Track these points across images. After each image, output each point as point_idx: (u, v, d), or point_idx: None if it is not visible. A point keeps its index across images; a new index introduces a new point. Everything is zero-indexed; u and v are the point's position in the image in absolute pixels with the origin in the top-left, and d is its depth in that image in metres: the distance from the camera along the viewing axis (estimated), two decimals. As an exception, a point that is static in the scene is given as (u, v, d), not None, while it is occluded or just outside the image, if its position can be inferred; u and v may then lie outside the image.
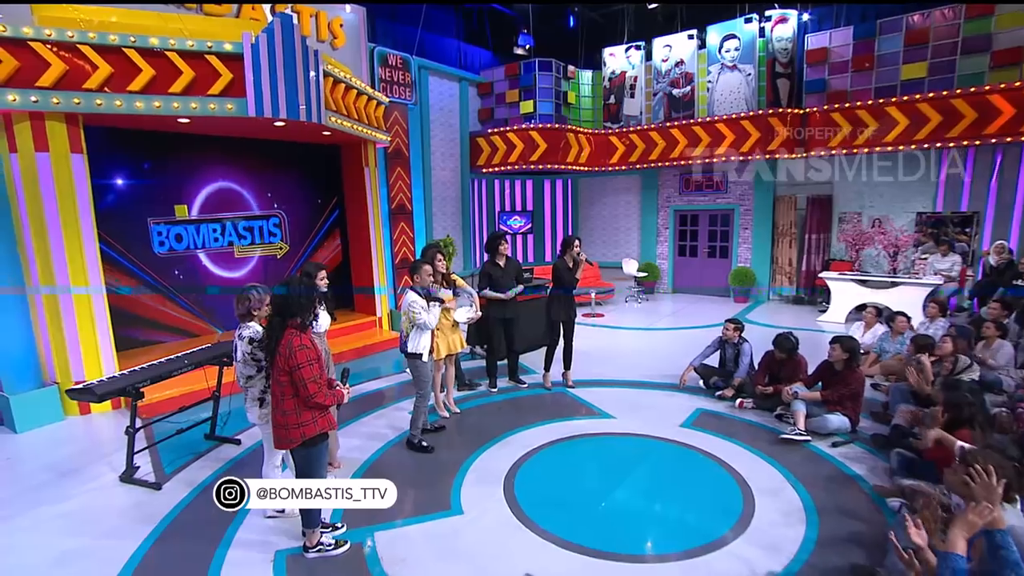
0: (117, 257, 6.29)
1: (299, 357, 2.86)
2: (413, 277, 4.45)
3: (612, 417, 5.30)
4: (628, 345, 8.04)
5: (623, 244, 12.75)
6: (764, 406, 5.37)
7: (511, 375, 6.30)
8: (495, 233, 5.96)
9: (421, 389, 4.52)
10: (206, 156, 7.11)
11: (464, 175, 11.35)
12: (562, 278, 5.81)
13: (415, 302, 4.34)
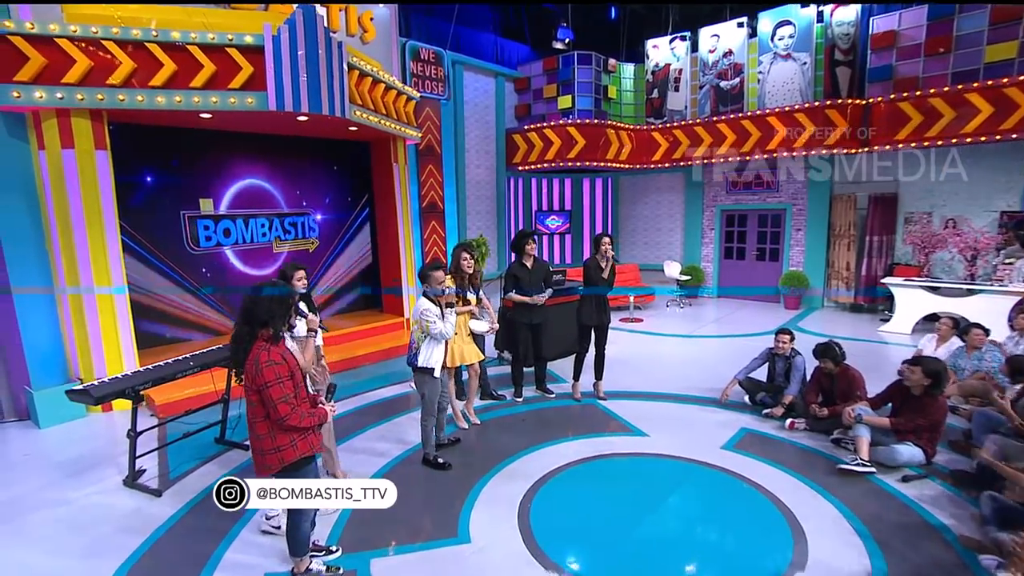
0: (144, 254, 6.25)
1: (267, 375, 2.53)
2: (424, 284, 4.09)
3: (645, 435, 4.81)
4: (667, 353, 7.49)
5: (665, 246, 12.12)
6: (818, 428, 4.75)
7: (538, 384, 5.93)
8: (522, 231, 5.58)
9: (428, 407, 4.16)
10: (235, 153, 7.04)
11: (500, 173, 11.03)
12: (592, 279, 5.36)
13: (428, 309, 3.99)
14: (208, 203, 6.82)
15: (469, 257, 4.75)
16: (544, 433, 4.85)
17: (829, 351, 4.69)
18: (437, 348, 4.05)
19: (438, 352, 4.07)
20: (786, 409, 5.04)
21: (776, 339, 5.25)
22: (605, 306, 5.51)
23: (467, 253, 4.72)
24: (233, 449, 4.62)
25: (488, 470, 4.20)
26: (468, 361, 4.83)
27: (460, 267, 4.68)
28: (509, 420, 5.21)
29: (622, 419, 5.15)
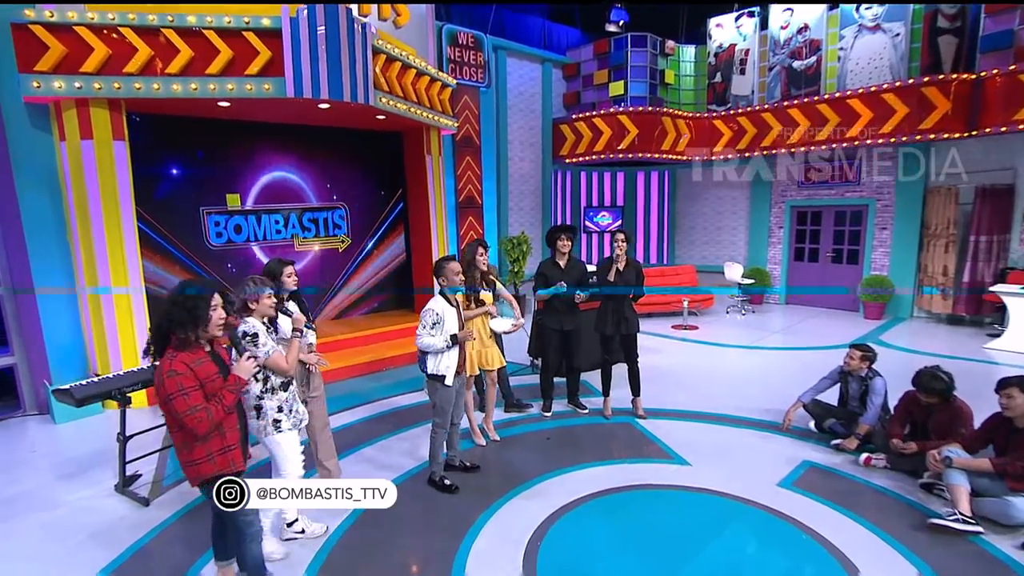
0: (168, 247, 6.28)
1: (168, 386, 2.28)
2: (438, 279, 3.73)
3: (686, 463, 4.26)
4: (723, 367, 6.82)
5: (727, 245, 11.30)
6: (903, 468, 4.01)
7: (570, 398, 5.48)
8: (556, 226, 5.15)
9: (439, 418, 3.84)
10: (261, 145, 7.00)
11: (545, 166, 10.65)
12: (601, 282, 4.92)
13: (430, 310, 3.64)
14: (235, 198, 6.80)
15: (486, 252, 4.37)
16: (570, 455, 4.42)
17: (935, 383, 3.86)
18: (448, 353, 3.71)
19: (449, 357, 3.73)
20: (861, 441, 4.31)
21: (847, 356, 4.52)
22: (624, 313, 4.98)
23: (483, 248, 4.36)
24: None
25: (500, 496, 3.81)
26: (489, 367, 4.49)
27: (475, 262, 4.29)
28: (532, 437, 4.81)
29: (661, 443, 4.62)
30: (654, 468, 4.17)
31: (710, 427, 4.93)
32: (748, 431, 4.83)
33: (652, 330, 8.57)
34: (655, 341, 7.97)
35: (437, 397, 3.79)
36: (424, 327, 3.63)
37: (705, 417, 5.14)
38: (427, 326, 3.62)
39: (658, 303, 9.29)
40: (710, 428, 4.91)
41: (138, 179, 5.83)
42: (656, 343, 7.87)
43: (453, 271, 3.72)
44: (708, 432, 4.82)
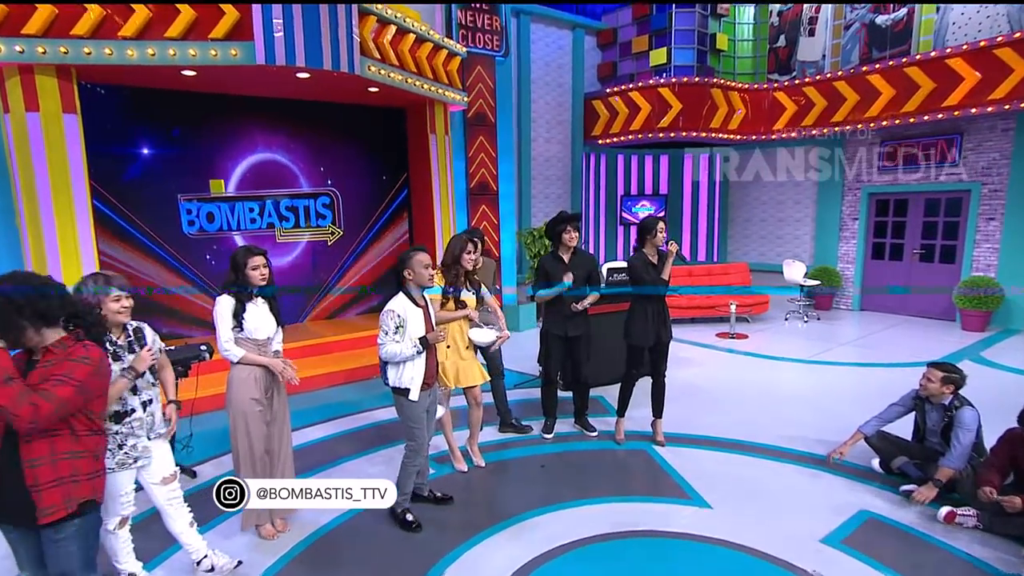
0: (137, 235, 6.18)
1: None
2: (403, 273, 3.36)
3: (707, 505, 3.74)
4: (771, 385, 6.19)
5: (789, 241, 10.59)
6: (1003, 530, 3.34)
7: (577, 417, 5.05)
8: (559, 215, 4.73)
9: (412, 440, 3.50)
10: (246, 122, 6.83)
11: (575, 148, 10.25)
12: (641, 279, 4.42)
13: (390, 311, 3.29)
14: (219, 184, 6.69)
15: (475, 249, 4.00)
16: (565, 487, 4.02)
17: None
18: (413, 364, 3.37)
19: (414, 366, 3.37)
20: (943, 489, 3.62)
21: (924, 377, 3.85)
22: (664, 318, 4.54)
23: (472, 244, 4.00)
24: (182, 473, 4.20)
25: (472, 535, 3.43)
26: (465, 384, 4.11)
27: (459, 259, 3.92)
28: (524, 464, 4.41)
29: (679, 477, 4.11)
30: (665, 509, 3.69)
31: (744, 459, 4.38)
32: (792, 467, 4.25)
33: (691, 338, 8.03)
34: (693, 351, 7.43)
35: (404, 413, 3.46)
36: (386, 332, 3.28)
37: (740, 447, 4.59)
38: (389, 331, 3.28)
39: (701, 307, 8.72)
40: (744, 461, 4.36)
41: (102, 159, 5.81)
42: (694, 353, 7.32)
43: (422, 264, 3.33)
44: (740, 465, 4.28)
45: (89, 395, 2.12)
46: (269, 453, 3.37)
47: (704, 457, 4.41)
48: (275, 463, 3.41)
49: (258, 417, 3.25)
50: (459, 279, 3.98)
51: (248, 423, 3.22)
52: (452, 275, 3.95)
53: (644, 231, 4.50)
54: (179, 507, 2.97)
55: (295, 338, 6.72)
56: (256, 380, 3.24)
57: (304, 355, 6.47)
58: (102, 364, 2.19)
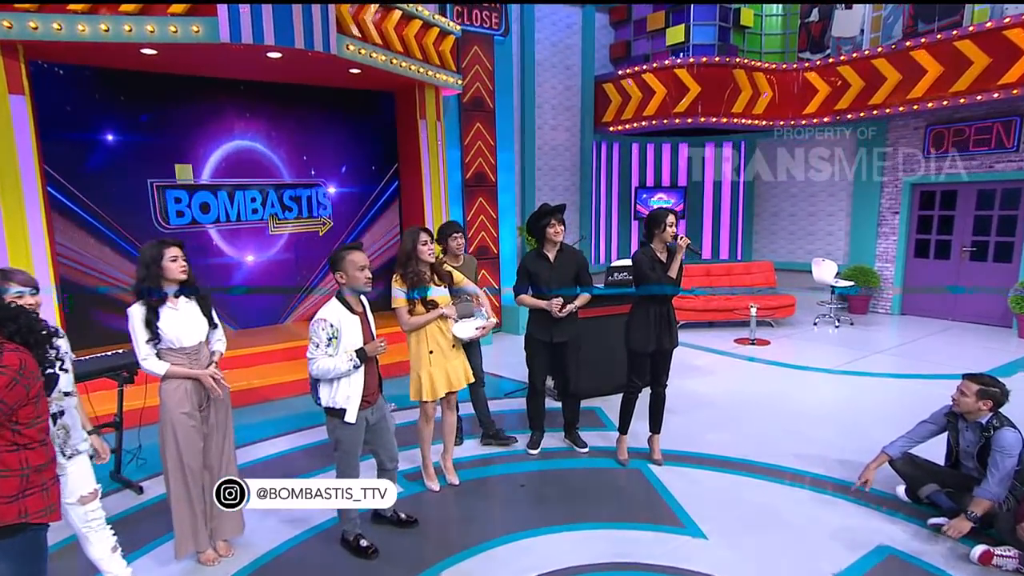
0: (102, 228, 6.12)
1: None
2: (336, 275, 3.16)
3: (702, 535, 3.49)
4: (792, 397, 5.89)
5: (821, 237, 10.24)
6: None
7: (567, 431, 4.85)
8: (541, 208, 4.50)
9: (342, 465, 3.27)
10: (222, 106, 6.76)
11: (585, 136, 10.03)
12: (645, 277, 4.16)
13: (320, 320, 3.08)
14: (186, 169, 6.58)
15: (430, 239, 3.82)
16: (544, 510, 3.84)
17: None
18: (349, 381, 3.15)
19: (350, 383, 3.14)
20: (977, 524, 3.30)
21: (958, 391, 3.53)
22: (669, 322, 4.31)
23: (427, 235, 3.81)
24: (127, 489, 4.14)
25: (431, 564, 3.25)
26: (459, 387, 3.99)
27: (416, 253, 3.72)
28: (503, 483, 4.23)
29: (674, 502, 3.87)
30: (653, 538, 3.46)
31: (751, 482, 4.12)
32: (806, 492, 3.98)
33: (705, 343, 7.77)
34: (706, 358, 7.18)
35: (336, 436, 3.21)
36: (316, 345, 3.05)
37: (748, 468, 4.33)
38: (321, 343, 3.05)
39: (719, 309, 8.44)
40: (751, 484, 4.10)
41: (61, 145, 5.76)
42: (707, 361, 7.07)
43: (355, 265, 3.09)
44: (746, 489, 4.02)
45: (8, 407, 2.01)
46: (209, 469, 3.22)
47: (706, 479, 4.17)
48: (216, 480, 3.24)
49: (192, 432, 3.08)
50: (422, 277, 3.75)
51: (179, 437, 3.06)
52: (412, 274, 3.72)
53: (652, 224, 4.23)
54: (100, 530, 2.82)
55: (274, 340, 6.62)
56: (187, 392, 3.07)
57: (281, 359, 6.37)
58: (23, 371, 2.05)
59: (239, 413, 5.81)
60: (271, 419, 5.47)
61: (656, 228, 4.18)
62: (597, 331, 5.37)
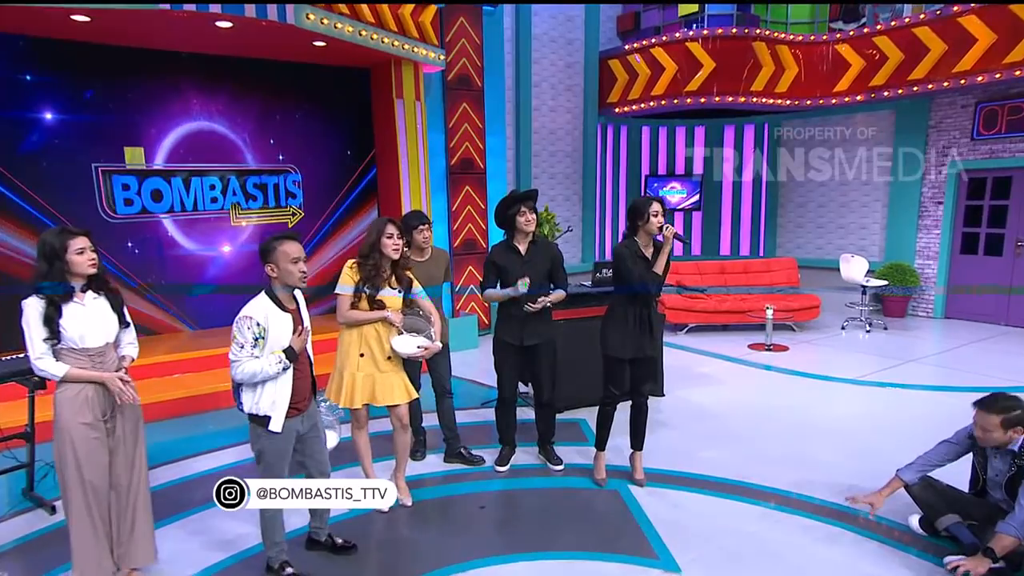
0: (42, 217, 6.06)
1: None
2: (266, 267, 3.01)
3: (675, 568, 3.28)
4: (807, 411, 5.66)
5: (853, 231, 10.04)
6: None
7: (540, 446, 4.71)
8: (511, 194, 4.37)
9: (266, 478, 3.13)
10: (179, 83, 6.67)
11: (589, 118, 9.96)
12: (628, 274, 4.01)
13: (246, 318, 2.95)
14: (137, 152, 6.52)
15: (398, 232, 3.68)
16: (503, 536, 3.72)
17: None
18: (276, 386, 3.02)
19: (276, 387, 3.01)
20: (1002, 568, 3.04)
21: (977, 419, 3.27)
22: (651, 325, 4.14)
23: (395, 228, 3.68)
24: (40, 508, 3.99)
25: None
26: (383, 402, 3.79)
27: (381, 249, 3.62)
28: (462, 504, 4.09)
29: (651, 529, 3.67)
30: (619, 571, 3.27)
31: (744, 508, 3.90)
32: (805, 521, 3.74)
33: (715, 348, 7.68)
34: (714, 365, 7.05)
35: (259, 446, 3.08)
36: (241, 346, 2.92)
37: (743, 491, 4.11)
38: (246, 344, 2.91)
39: (732, 311, 8.28)
40: (743, 510, 3.88)
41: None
42: (715, 368, 6.92)
43: (288, 256, 2.95)
44: (737, 517, 3.80)
45: None
46: (116, 488, 3.06)
47: (692, 503, 3.97)
48: (125, 500, 3.10)
49: (94, 445, 2.92)
50: (380, 273, 3.63)
51: (78, 452, 2.89)
52: (370, 267, 3.61)
53: (634, 215, 4.04)
54: None
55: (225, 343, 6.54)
56: (88, 400, 2.91)
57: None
58: None
59: (191, 421, 5.87)
60: (225, 429, 5.36)
61: (639, 220, 3.99)
62: (579, 334, 5.22)
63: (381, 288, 3.66)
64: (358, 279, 3.61)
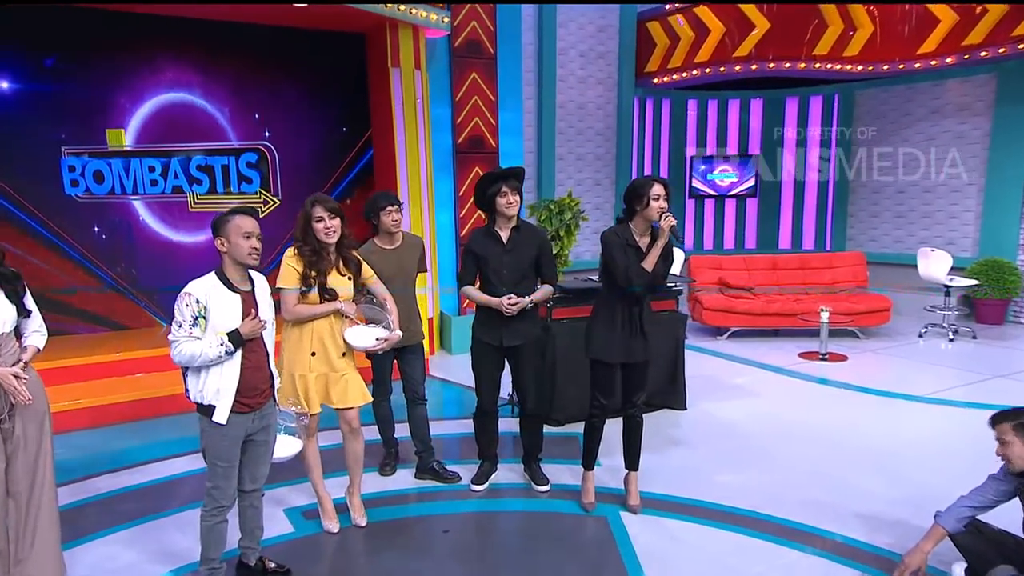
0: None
1: None
2: (216, 241, 3.08)
3: None
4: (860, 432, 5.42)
5: (942, 221, 9.65)
6: None
7: (525, 463, 4.61)
8: (491, 172, 4.32)
9: (212, 481, 3.19)
10: (150, 49, 6.84)
11: (624, 90, 9.84)
12: (614, 266, 3.89)
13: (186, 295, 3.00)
14: (119, 134, 6.77)
15: (330, 215, 3.66)
16: (464, 565, 3.66)
17: None
18: (221, 371, 3.05)
19: (223, 373, 3.04)
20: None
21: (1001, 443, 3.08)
22: (641, 325, 4.01)
23: (324, 208, 3.65)
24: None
25: None
26: (339, 404, 3.81)
27: (313, 233, 3.62)
28: (424, 526, 4.09)
29: (636, 566, 3.53)
30: None
31: (756, 545, 3.71)
32: (825, 564, 3.52)
33: (757, 356, 7.53)
34: (752, 375, 6.95)
35: (205, 442, 3.13)
36: (179, 325, 2.96)
37: (757, 524, 3.91)
38: (184, 322, 2.96)
39: (783, 313, 8.03)
40: (754, 547, 3.69)
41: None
42: (752, 378, 6.80)
43: (240, 230, 3.00)
44: (746, 554, 3.62)
45: None
46: (14, 497, 3.07)
47: (692, 536, 3.79)
48: (25, 511, 3.10)
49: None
50: (325, 257, 3.62)
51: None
52: (309, 256, 3.61)
53: (631, 198, 3.90)
54: None
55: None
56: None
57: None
58: None
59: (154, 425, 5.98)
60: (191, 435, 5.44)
61: (637, 204, 3.83)
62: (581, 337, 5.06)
63: (329, 273, 3.65)
64: (302, 267, 3.60)
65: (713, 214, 10.70)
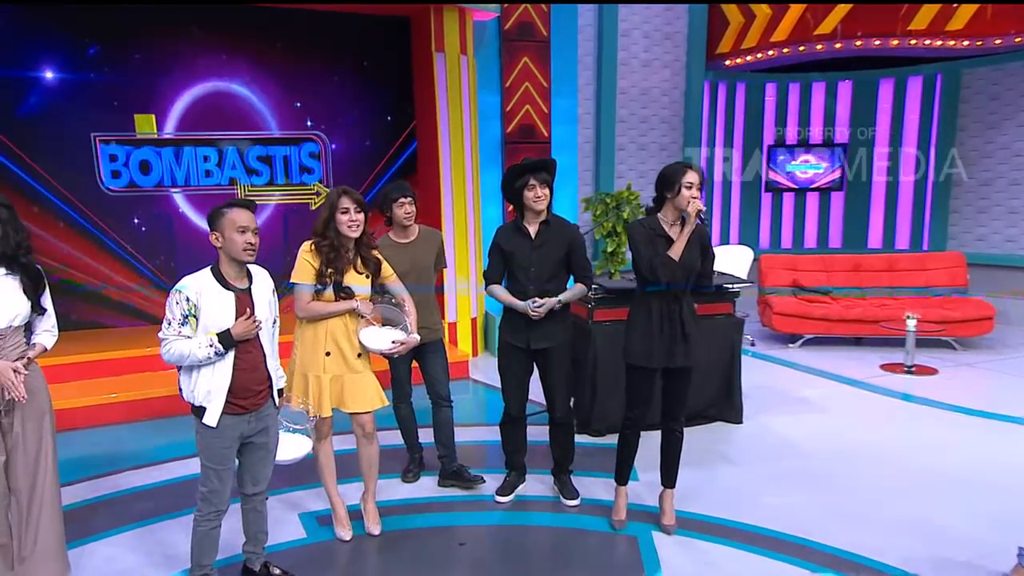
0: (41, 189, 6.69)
1: None
2: (211, 236, 3.15)
3: None
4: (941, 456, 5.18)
5: None
6: None
7: (556, 474, 4.62)
8: (522, 163, 4.27)
9: (205, 485, 3.27)
10: (191, 38, 7.11)
11: (693, 73, 9.74)
12: (638, 257, 3.87)
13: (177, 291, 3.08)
14: (148, 120, 7.02)
15: (356, 208, 3.71)
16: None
17: None
18: (212, 372, 3.13)
19: (214, 374, 3.12)
20: None
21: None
22: (683, 325, 3.92)
23: (351, 199, 3.71)
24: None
25: None
26: (353, 408, 3.87)
27: (335, 227, 3.69)
28: (439, 539, 4.09)
29: None
30: None
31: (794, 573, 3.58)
32: None
33: (832, 367, 7.37)
34: (823, 387, 6.79)
35: (199, 445, 3.21)
36: (169, 323, 3.05)
37: (803, 553, 3.77)
38: (173, 321, 3.04)
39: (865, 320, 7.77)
40: None
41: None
42: (822, 391, 6.63)
43: (235, 224, 3.06)
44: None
45: None
46: (15, 493, 3.23)
47: (729, 561, 3.69)
48: (27, 510, 3.26)
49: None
50: (343, 255, 3.69)
51: None
52: (327, 252, 3.67)
53: (662, 185, 3.86)
54: None
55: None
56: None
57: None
58: None
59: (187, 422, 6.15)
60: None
61: (668, 191, 3.77)
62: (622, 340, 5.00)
63: (346, 272, 3.72)
64: (318, 263, 3.66)
65: (793, 209, 10.53)
